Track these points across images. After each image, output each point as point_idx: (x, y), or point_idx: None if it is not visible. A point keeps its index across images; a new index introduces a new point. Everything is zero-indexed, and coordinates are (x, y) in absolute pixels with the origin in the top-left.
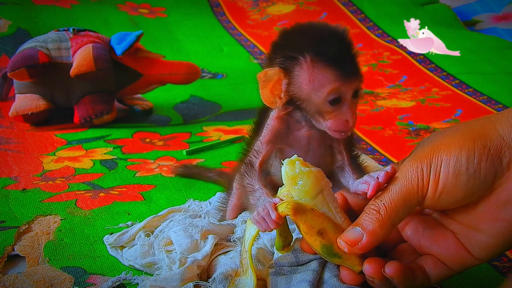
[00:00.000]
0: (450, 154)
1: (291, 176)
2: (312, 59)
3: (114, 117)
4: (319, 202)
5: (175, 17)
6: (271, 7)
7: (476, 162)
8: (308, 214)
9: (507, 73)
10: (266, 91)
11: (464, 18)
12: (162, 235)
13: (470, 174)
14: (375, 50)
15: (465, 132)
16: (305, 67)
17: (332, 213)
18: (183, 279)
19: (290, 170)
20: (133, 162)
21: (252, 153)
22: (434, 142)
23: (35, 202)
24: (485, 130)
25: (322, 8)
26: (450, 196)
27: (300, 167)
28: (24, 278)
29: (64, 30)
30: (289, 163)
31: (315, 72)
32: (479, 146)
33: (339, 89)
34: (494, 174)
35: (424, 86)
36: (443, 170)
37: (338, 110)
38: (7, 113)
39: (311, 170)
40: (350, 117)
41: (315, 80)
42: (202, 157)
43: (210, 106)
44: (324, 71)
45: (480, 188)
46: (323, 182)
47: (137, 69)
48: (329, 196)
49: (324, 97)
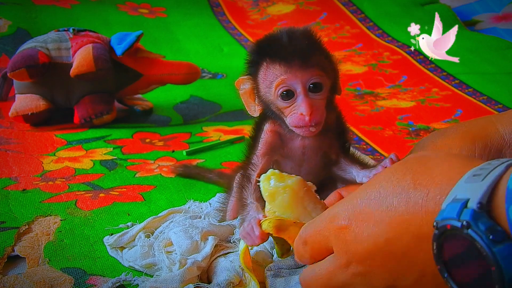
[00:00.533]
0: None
1: (270, 192)
2: (267, 60)
3: (114, 117)
4: (301, 215)
5: (175, 17)
6: (271, 7)
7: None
8: (290, 229)
9: (507, 73)
10: (245, 98)
11: (464, 18)
12: (162, 236)
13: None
14: (375, 50)
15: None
16: (262, 69)
17: None
18: (183, 280)
19: (267, 187)
20: (133, 162)
21: (250, 166)
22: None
23: (35, 202)
24: (486, 131)
25: (322, 8)
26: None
27: (276, 182)
28: (24, 279)
29: (64, 30)
30: (265, 180)
31: (267, 71)
32: (480, 146)
33: (284, 82)
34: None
35: (424, 86)
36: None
37: (293, 105)
38: (7, 113)
39: (287, 184)
40: (305, 110)
41: (267, 79)
42: (202, 157)
43: (210, 106)
44: (273, 68)
45: None
46: (302, 192)
47: (137, 69)
48: (311, 205)
49: (274, 93)
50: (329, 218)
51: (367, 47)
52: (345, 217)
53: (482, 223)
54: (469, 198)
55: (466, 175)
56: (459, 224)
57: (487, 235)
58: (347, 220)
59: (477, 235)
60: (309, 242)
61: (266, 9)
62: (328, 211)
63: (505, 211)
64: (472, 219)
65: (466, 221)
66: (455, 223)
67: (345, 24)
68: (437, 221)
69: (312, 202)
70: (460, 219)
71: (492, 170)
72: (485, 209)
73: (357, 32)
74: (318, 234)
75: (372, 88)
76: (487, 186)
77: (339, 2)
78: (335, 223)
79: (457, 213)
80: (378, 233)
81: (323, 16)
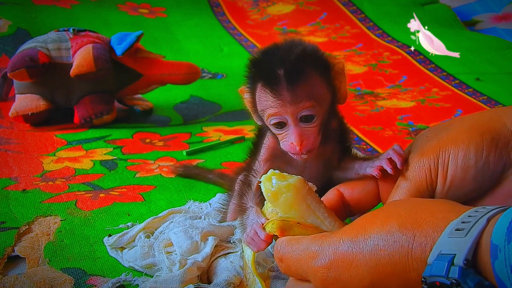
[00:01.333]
0: (458, 148)
1: (272, 192)
2: (261, 84)
3: (114, 118)
4: (305, 213)
5: (175, 17)
6: (271, 7)
7: (484, 155)
8: (295, 229)
9: (507, 73)
10: (248, 107)
11: (464, 18)
12: (162, 237)
13: (478, 168)
14: (375, 50)
15: (472, 126)
16: (258, 91)
17: (320, 220)
18: (183, 280)
19: (269, 186)
20: (133, 162)
21: (251, 173)
22: (440, 137)
23: (35, 203)
24: (493, 124)
25: (322, 8)
26: (458, 189)
27: (277, 182)
28: (24, 279)
29: (64, 30)
30: (266, 180)
31: (261, 96)
32: (487, 140)
33: (276, 114)
34: (502, 167)
35: (424, 86)
36: (451, 165)
37: (285, 133)
38: (7, 113)
39: (289, 183)
40: (295, 141)
41: (261, 104)
42: (202, 157)
43: (210, 106)
44: (265, 96)
45: (489, 181)
46: (305, 191)
47: (137, 69)
48: (314, 203)
49: (267, 121)
50: (309, 254)
51: (367, 47)
52: (325, 257)
53: (470, 280)
54: (454, 254)
55: (448, 228)
56: (448, 282)
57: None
58: (327, 261)
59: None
60: (285, 263)
61: (266, 9)
62: (309, 245)
63: (491, 266)
64: (461, 277)
65: (455, 279)
66: (444, 281)
67: (345, 24)
68: (425, 277)
69: (315, 201)
70: (449, 277)
71: (474, 225)
72: (471, 265)
73: (357, 32)
74: (295, 262)
75: (372, 88)
76: (471, 242)
77: (339, 2)
78: (315, 262)
79: (445, 271)
80: (363, 275)
81: (323, 16)
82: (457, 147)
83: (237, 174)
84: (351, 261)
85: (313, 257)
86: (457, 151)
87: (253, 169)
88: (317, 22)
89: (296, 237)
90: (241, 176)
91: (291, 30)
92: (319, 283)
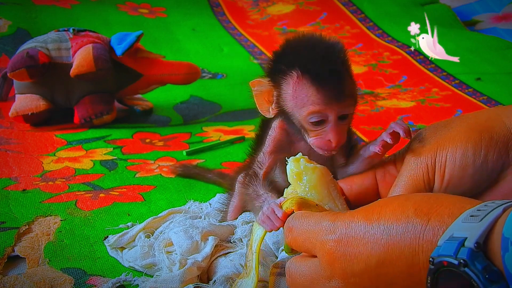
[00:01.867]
0: (456, 146)
1: (296, 172)
2: (299, 76)
3: (114, 118)
4: (325, 197)
5: (175, 17)
6: (271, 7)
7: (483, 154)
8: (312, 209)
9: (507, 73)
10: (260, 100)
11: (464, 18)
12: (162, 236)
13: (477, 167)
14: (375, 50)
15: (470, 125)
16: (292, 83)
17: (339, 209)
18: (183, 280)
19: (295, 167)
20: (133, 162)
21: (256, 164)
22: (438, 135)
23: (35, 202)
24: (491, 122)
25: (322, 8)
26: (456, 187)
27: (305, 163)
28: (24, 279)
29: (64, 30)
30: (294, 160)
31: (299, 90)
32: (486, 138)
33: (320, 112)
34: (501, 166)
35: (424, 86)
36: (449, 163)
37: (321, 130)
38: (7, 113)
39: (316, 166)
40: (333, 138)
41: (298, 98)
42: (202, 157)
43: (210, 106)
44: (307, 91)
45: (487, 180)
46: (329, 178)
47: (137, 69)
48: (335, 192)
49: (305, 117)
50: (321, 227)
51: (367, 47)
52: (337, 232)
53: (478, 263)
54: (466, 237)
55: (463, 214)
56: (456, 262)
57: (483, 274)
58: (338, 235)
59: (474, 273)
60: (293, 233)
61: (266, 9)
62: (321, 219)
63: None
64: (469, 258)
65: (463, 259)
66: (452, 260)
67: (345, 24)
68: (433, 257)
69: (336, 190)
70: (458, 257)
71: (489, 212)
72: (482, 249)
73: (357, 32)
74: (304, 233)
75: (372, 88)
76: (484, 227)
77: (339, 2)
78: (325, 235)
79: (454, 251)
80: (371, 253)
81: (323, 16)
82: (455, 145)
83: (238, 173)
84: (361, 238)
85: (324, 231)
86: (455, 150)
87: (258, 161)
88: (317, 22)
89: (309, 212)
90: (241, 175)
91: (291, 30)
92: (326, 256)
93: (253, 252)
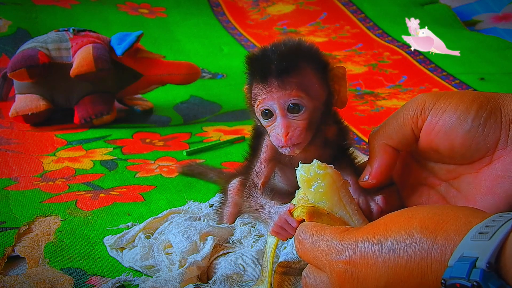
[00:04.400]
0: (462, 101)
1: (307, 179)
2: (255, 78)
3: (114, 118)
4: (336, 205)
5: (175, 17)
6: (271, 7)
7: (484, 117)
8: (323, 218)
9: (507, 73)
10: (247, 104)
11: (464, 18)
12: (162, 238)
13: (473, 125)
14: (375, 50)
15: (481, 93)
16: (254, 85)
17: (350, 215)
18: (183, 280)
19: (306, 173)
20: (133, 162)
21: (254, 174)
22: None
23: (35, 203)
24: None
25: (322, 8)
26: (447, 138)
27: (315, 169)
28: (24, 279)
29: (64, 31)
30: (304, 167)
31: (253, 89)
32: (492, 106)
33: (263, 101)
34: (497, 139)
35: (424, 86)
36: (448, 111)
37: (273, 125)
38: (7, 113)
39: (327, 172)
40: (281, 131)
41: (252, 96)
42: (202, 157)
43: (210, 106)
44: (256, 86)
45: (478, 146)
46: (340, 183)
47: (137, 69)
48: (346, 198)
49: (256, 112)
50: (329, 247)
51: (367, 47)
52: (345, 253)
53: (492, 284)
54: (477, 257)
55: (471, 231)
56: (469, 284)
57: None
58: (345, 257)
59: None
60: (303, 247)
61: (266, 9)
62: (330, 237)
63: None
64: (483, 280)
65: (476, 281)
66: (465, 283)
67: (345, 24)
68: (445, 279)
69: (347, 195)
70: (470, 279)
71: (498, 229)
72: (494, 268)
73: (357, 32)
74: (313, 250)
75: (372, 88)
76: (495, 246)
77: (339, 2)
78: (334, 256)
79: (466, 273)
80: (380, 274)
81: (323, 16)
82: (461, 100)
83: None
84: (369, 259)
85: (333, 251)
86: (459, 103)
87: (256, 171)
88: (317, 22)
89: (318, 225)
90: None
91: (291, 30)
92: (335, 277)
93: (268, 259)
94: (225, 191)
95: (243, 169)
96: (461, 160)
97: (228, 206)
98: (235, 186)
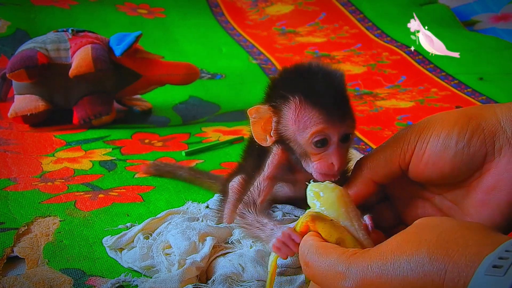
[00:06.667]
0: (443, 127)
1: (315, 192)
2: (300, 99)
3: (113, 118)
4: (342, 216)
5: (174, 17)
6: (270, 7)
7: (467, 138)
8: (327, 223)
9: (507, 73)
10: (257, 128)
11: (463, 18)
12: (161, 238)
13: (458, 149)
14: (374, 50)
15: (462, 111)
16: (293, 107)
17: (355, 228)
18: (182, 280)
19: (315, 187)
20: (132, 163)
21: (253, 191)
22: (432, 118)
23: (34, 203)
24: (483, 112)
25: (321, 8)
26: (436, 167)
27: (326, 183)
28: (23, 280)
29: (63, 31)
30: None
31: (301, 113)
32: (473, 124)
33: (323, 131)
34: (484, 155)
35: (423, 86)
36: (432, 141)
37: (324, 153)
38: (6, 114)
39: (336, 186)
40: (336, 161)
41: (300, 121)
42: (201, 158)
43: (209, 107)
44: (310, 113)
45: (468, 166)
46: (348, 199)
47: (136, 70)
48: (353, 213)
49: (308, 139)
50: (336, 272)
51: (366, 47)
52: (352, 280)
53: None
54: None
55: (484, 264)
56: None
57: None
58: (353, 284)
59: None
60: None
61: (265, 9)
62: (337, 262)
63: None
64: None
65: None
66: None
67: (344, 24)
68: None
69: (354, 212)
70: None
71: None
72: None
73: (356, 32)
74: (320, 274)
75: (371, 88)
76: (510, 283)
77: (338, 2)
78: (341, 282)
79: None
80: None
81: (322, 16)
82: (442, 127)
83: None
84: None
85: (340, 277)
86: (441, 130)
87: (256, 188)
88: (316, 22)
89: (325, 245)
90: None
91: (290, 30)
92: None
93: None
94: (225, 188)
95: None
96: (452, 181)
97: (229, 204)
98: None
